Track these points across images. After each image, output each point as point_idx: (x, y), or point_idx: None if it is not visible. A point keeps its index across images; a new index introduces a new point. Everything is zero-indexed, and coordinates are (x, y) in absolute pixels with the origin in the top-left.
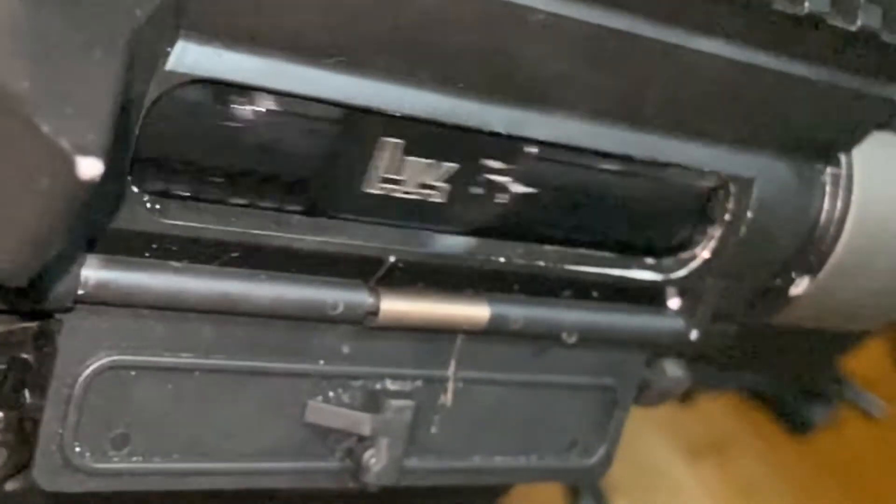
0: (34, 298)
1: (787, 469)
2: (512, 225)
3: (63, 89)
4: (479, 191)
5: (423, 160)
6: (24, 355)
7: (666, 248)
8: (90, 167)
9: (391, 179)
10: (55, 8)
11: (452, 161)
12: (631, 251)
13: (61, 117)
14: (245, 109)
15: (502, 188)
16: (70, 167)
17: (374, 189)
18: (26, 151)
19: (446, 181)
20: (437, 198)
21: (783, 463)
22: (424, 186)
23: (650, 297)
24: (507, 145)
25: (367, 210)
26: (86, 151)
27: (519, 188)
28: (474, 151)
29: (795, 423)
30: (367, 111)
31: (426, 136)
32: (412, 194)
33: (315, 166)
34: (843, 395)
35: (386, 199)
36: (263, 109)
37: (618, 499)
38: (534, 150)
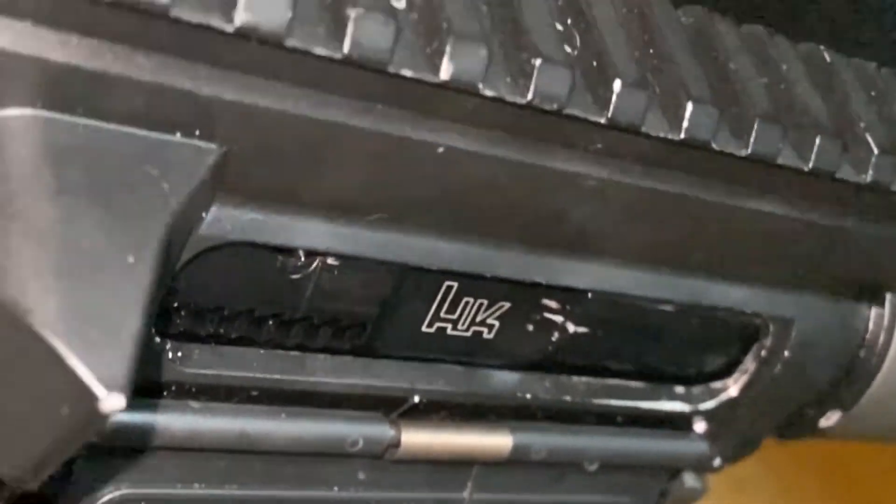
0: None
1: (779, 467)
2: (546, 360)
3: (91, 309)
4: (526, 328)
5: (478, 300)
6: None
7: (697, 378)
8: (114, 402)
9: (447, 319)
10: (88, 208)
11: (504, 300)
12: (660, 380)
13: (87, 344)
14: (278, 260)
15: (549, 326)
16: (93, 401)
17: (431, 329)
18: (48, 376)
19: (496, 319)
20: (485, 335)
21: (776, 461)
22: (477, 324)
23: (676, 422)
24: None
25: (417, 349)
26: (111, 386)
27: (565, 327)
28: (526, 292)
29: None
30: (408, 268)
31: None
32: (464, 332)
33: (371, 310)
34: None
35: (437, 338)
36: (299, 259)
37: None
38: (582, 291)
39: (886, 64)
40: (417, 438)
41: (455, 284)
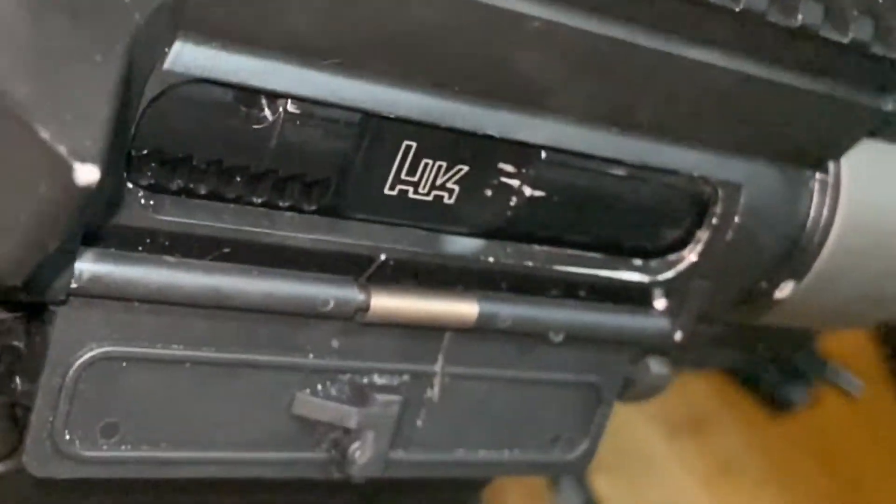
0: (27, 290)
1: (765, 447)
2: (506, 225)
3: (62, 95)
4: (485, 193)
5: (437, 162)
6: (16, 343)
7: (653, 250)
8: (88, 174)
9: (408, 181)
10: (55, 12)
11: (462, 163)
12: (619, 252)
13: (60, 123)
14: (242, 108)
15: (506, 190)
16: (68, 173)
17: (393, 191)
18: (24, 156)
19: (456, 183)
20: (446, 199)
21: (762, 441)
22: (437, 188)
23: (636, 297)
24: (514, 148)
25: (380, 211)
26: (84, 158)
27: (522, 190)
28: (483, 154)
29: (774, 402)
30: (361, 112)
31: (438, 140)
32: (425, 196)
33: (334, 166)
34: (822, 374)
35: (400, 201)
36: (261, 108)
37: (598, 476)
38: (536, 153)
39: None
40: (386, 301)
41: (414, 144)
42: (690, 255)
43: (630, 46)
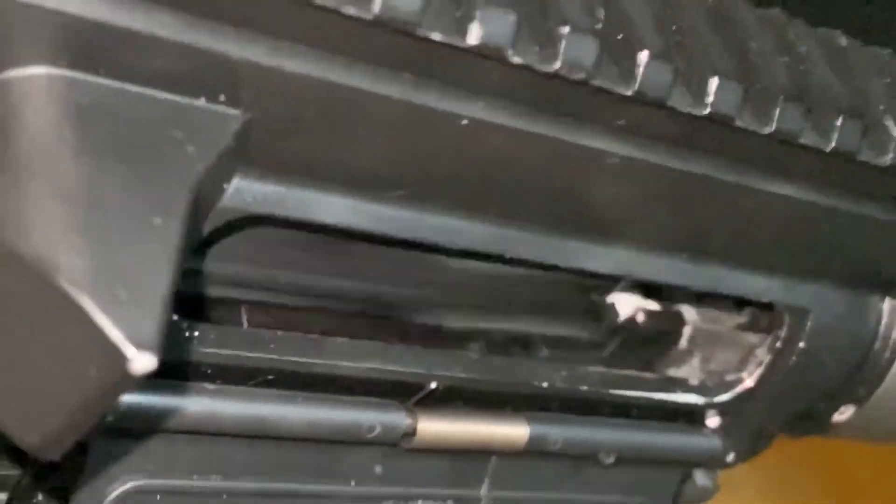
0: None
1: (765, 465)
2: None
3: (117, 268)
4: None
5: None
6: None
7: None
8: (144, 362)
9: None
10: (112, 168)
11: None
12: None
13: (114, 303)
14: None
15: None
16: (122, 362)
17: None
18: (74, 336)
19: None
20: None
21: (762, 458)
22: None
23: (690, 416)
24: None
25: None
26: (140, 344)
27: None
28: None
29: None
30: (427, 247)
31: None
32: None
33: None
34: None
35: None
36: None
37: None
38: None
39: None
40: (434, 426)
41: None
42: (749, 378)
43: (709, 181)
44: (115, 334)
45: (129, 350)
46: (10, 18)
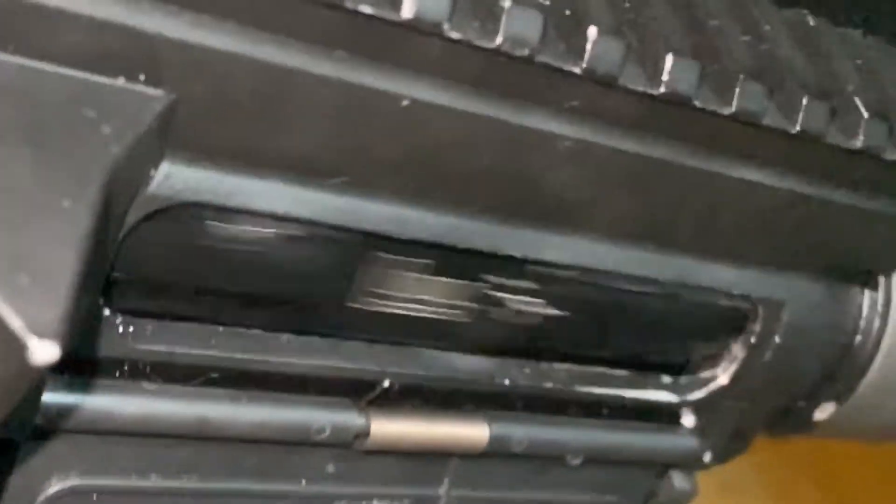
0: None
1: (765, 468)
2: (521, 343)
3: (22, 253)
4: (489, 309)
5: (435, 278)
6: None
7: (683, 367)
8: (45, 352)
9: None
10: (16, 147)
11: (462, 279)
12: (646, 369)
13: (15, 289)
14: (231, 229)
15: (515, 306)
16: (21, 351)
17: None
18: None
19: (455, 298)
20: (444, 315)
21: (761, 462)
22: (427, 303)
23: (663, 415)
24: (521, 264)
25: (386, 331)
26: (42, 333)
27: (534, 307)
28: (484, 269)
29: None
30: (373, 236)
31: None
32: (410, 311)
33: (336, 288)
34: None
35: (408, 320)
36: (251, 229)
37: None
38: (552, 269)
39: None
40: (388, 427)
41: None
42: (724, 375)
43: (671, 166)
44: (14, 322)
45: (31, 339)
46: None
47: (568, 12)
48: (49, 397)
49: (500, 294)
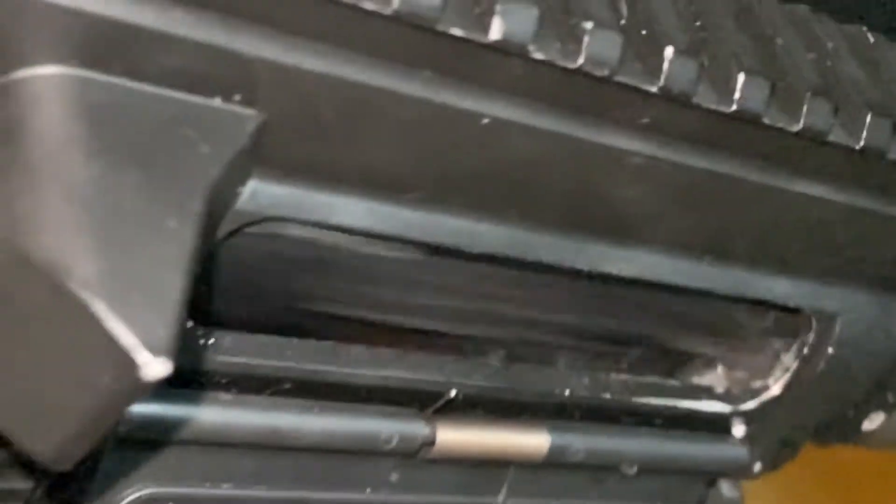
0: None
1: (778, 478)
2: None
3: (130, 272)
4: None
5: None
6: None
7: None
8: (157, 368)
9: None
10: (126, 168)
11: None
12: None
13: (127, 307)
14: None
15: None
16: (134, 367)
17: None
18: (86, 342)
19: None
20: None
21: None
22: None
23: (715, 424)
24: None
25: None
26: (154, 350)
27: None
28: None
29: None
30: (447, 250)
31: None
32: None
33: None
34: None
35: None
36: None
37: None
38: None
39: None
40: (453, 436)
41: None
42: (776, 385)
43: (735, 181)
44: (127, 339)
45: (142, 356)
46: (20, 16)
47: (644, 32)
48: (131, 406)
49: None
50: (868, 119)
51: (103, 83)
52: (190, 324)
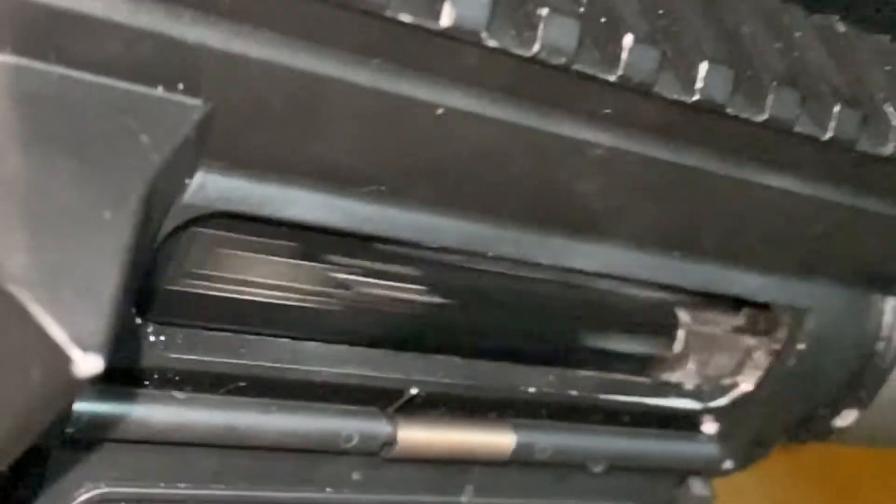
0: None
1: (774, 477)
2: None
3: (64, 265)
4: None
5: None
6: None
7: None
8: (90, 364)
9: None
10: (60, 161)
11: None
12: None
13: (58, 302)
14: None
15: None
16: (66, 363)
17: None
18: (16, 337)
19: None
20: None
21: (765, 469)
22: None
23: (686, 421)
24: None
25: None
26: (86, 346)
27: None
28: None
29: None
30: (402, 243)
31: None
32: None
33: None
34: None
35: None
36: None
37: None
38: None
39: None
40: (415, 435)
41: None
42: (747, 381)
43: (701, 173)
44: (58, 335)
45: (74, 352)
46: None
47: (603, 20)
48: (80, 406)
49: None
50: (836, 109)
51: (38, 71)
52: (138, 320)
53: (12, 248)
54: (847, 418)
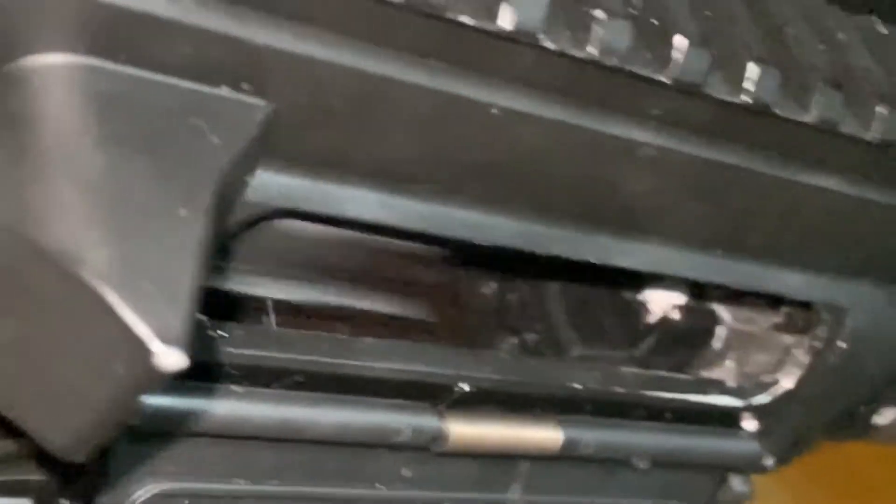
0: None
1: (784, 478)
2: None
3: (144, 261)
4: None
5: None
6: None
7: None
8: (172, 358)
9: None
10: (137, 158)
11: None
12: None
13: (140, 297)
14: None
15: None
16: (149, 357)
17: None
18: (100, 332)
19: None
20: None
21: (785, 475)
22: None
23: (726, 418)
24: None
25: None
26: (168, 340)
27: None
28: None
29: None
30: (456, 242)
31: None
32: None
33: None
34: None
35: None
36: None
37: None
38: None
39: None
40: (465, 430)
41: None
42: (788, 380)
43: (746, 172)
44: (141, 329)
45: (157, 345)
46: (27, 3)
47: (655, 22)
48: (144, 400)
49: None
50: (879, 110)
51: (111, 71)
52: (201, 316)
53: (94, 245)
54: (887, 416)
